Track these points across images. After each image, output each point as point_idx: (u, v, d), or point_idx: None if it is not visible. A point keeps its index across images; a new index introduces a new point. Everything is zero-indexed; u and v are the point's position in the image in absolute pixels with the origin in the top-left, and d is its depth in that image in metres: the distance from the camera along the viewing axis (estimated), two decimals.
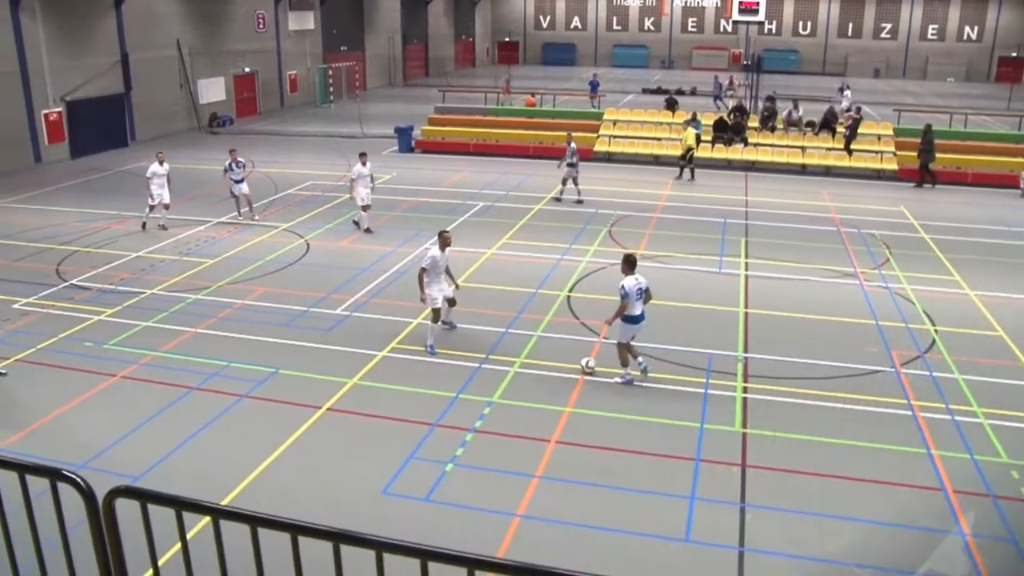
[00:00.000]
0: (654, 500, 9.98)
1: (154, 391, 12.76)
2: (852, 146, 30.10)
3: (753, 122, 32.34)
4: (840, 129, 30.89)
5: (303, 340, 14.64)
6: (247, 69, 43.85)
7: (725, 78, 50.31)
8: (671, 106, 36.36)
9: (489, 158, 32.01)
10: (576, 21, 79.89)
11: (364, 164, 21.18)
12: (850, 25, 72.75)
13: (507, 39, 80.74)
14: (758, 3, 39.20)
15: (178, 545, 3.11)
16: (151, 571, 3.21)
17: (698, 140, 30.94)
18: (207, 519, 2.99)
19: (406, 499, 9.94)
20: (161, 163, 21.41)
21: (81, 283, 17.61)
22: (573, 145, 25.09)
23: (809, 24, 73.52)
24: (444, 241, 14.12)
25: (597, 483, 10.31)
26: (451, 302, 14.60)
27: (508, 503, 9.85)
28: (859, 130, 30.72)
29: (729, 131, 31.33)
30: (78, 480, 3.05)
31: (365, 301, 16.53)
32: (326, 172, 29.10)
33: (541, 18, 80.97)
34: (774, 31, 73.18)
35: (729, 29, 73.43)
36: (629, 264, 12.88)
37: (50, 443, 11.17)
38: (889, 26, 71.90)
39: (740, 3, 39.19)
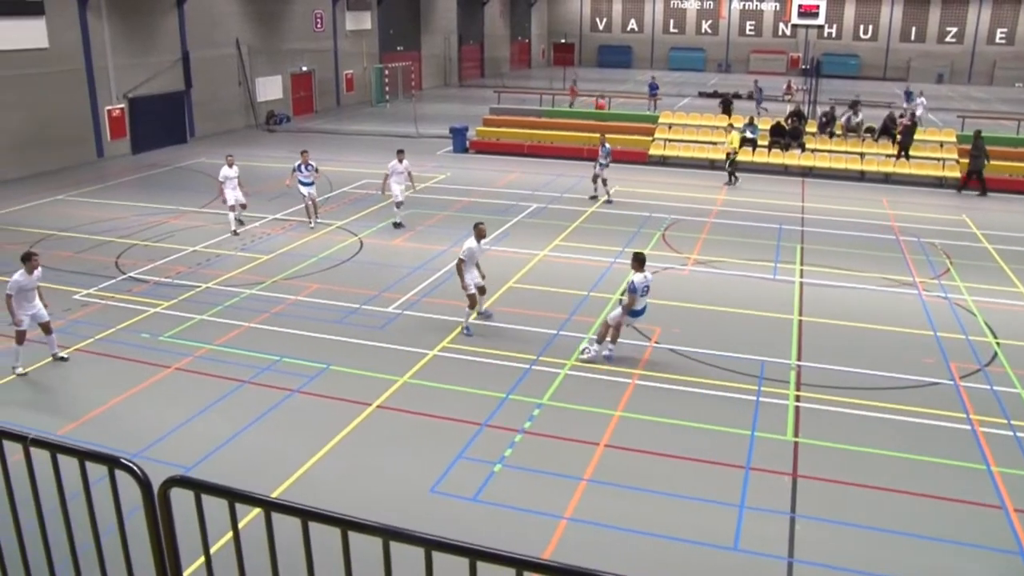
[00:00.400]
0: (703, 507, 9.89)
1: (208, 383, 12.99)
2: (911, 152, 29.48)
3: (811, 127, 31.86)
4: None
5: (355, 337, 14.78)
6: (304, 68, 44.42)
7: (782, 82, 49.71)
8: (726, 108, 36.04)
9: (543, 160, 32.01)
10: (632, 23, 79.47)
11: (400, 161, 21.87)
12: (913, 29, 71.28)
13: (563, 41, 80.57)
14: (818, 6, 38.65)
15: (228, 535, 3.17)
16: (202, 559, 3.26)
17: (753, 144, 30.62)
18: (257, 510, 3.03)
19: (454, 498, 9.98)
20: (231, 165, 21.46)
21: (139, 276, 17.99)
22: (607, 146, 25.02)
23: (870, 28, 72.18)
24: (479, 233, 15.01)
25: (645, 488, 10.25)
26: (481, 290, 15.33)
27: (555, 505, 9.84)
28: (917, 136, 30.12)
29: (786, 136, 30.92)
30: (135, 469, 3.11)
31: (417, 299, 16.63)
32: (381, 171, 29.26)
33: (597, 20, 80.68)
34: (834, 35, 71.97)
35: (788, 33, 72.36)
36: (639, 261, 13.62)
37: (106, 431, 11.42)
38: (955, 30, 70.28)
39: (800, 6, 38.69)
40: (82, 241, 20.59)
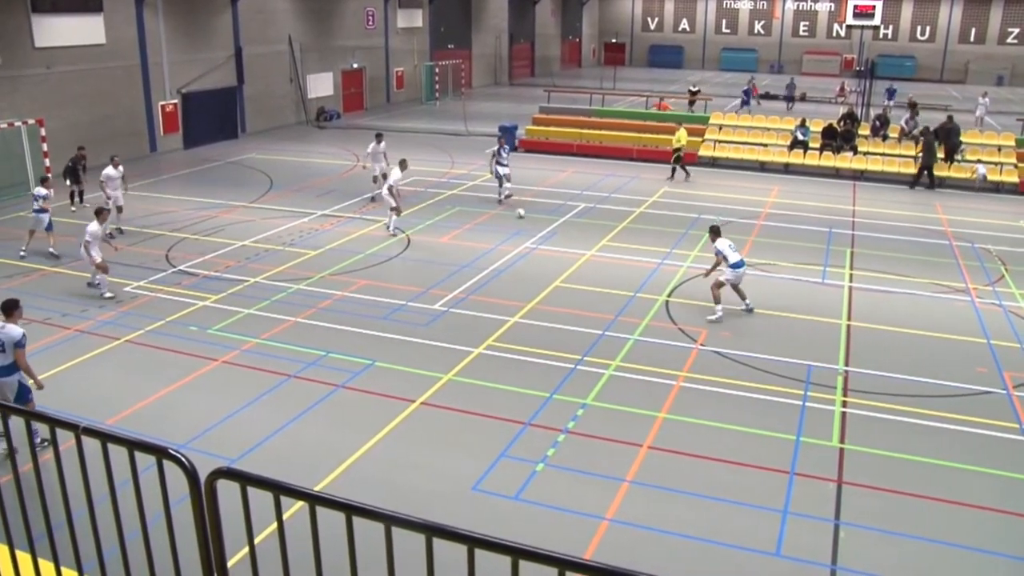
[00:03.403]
0: (746, 512, 9.80)
1: (254, 377, 13.17)
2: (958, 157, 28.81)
3: (864, 130, 31.35)
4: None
5: (400, 334, 14.88)
6: (355, 65, 44.79)
7: (837, 84, 48.96)
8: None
9: (592, 159, 31.92)
10: (684, 23, 78.83)
11: (379, 143, 24.92)
12: (973, 30, 69.66)
13: (614, 40, 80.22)
14: (874, 7, 38.04)
15: (271, 527, 3.21)
16: (246, 549, 3.31)
17: (804, 146, 30.23)
18: (301, 503, 3.07)
19: (496, 496, 10.02)
20: (116, 166, 21.10)
21: (189, 269, 18.30)
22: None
23: (928, 29, 70.74)
24: (402, 165, 20.67)
25: (688, 491, 10.19)
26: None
27: (597, 506, 9.82)
28: (975, 140, 29.46)
29: (838, 139, 30.46)
30: (183, 460, 3.17)
31: (464, 297, 16.69)
32: (429, 168, 29.49)
33: (649, 20, 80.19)
34: (890, 36, 70.67)
35: (842, 34, 71.17)
36: (715, 232, 16.18)
37: (154, 422, 11.64)
38: (1016, 31, 68.53)
39: (855, 7, 38.14)
40: (134, 234, 20.99)
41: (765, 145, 31.43)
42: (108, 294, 16.22)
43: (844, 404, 12.54)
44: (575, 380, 13.14)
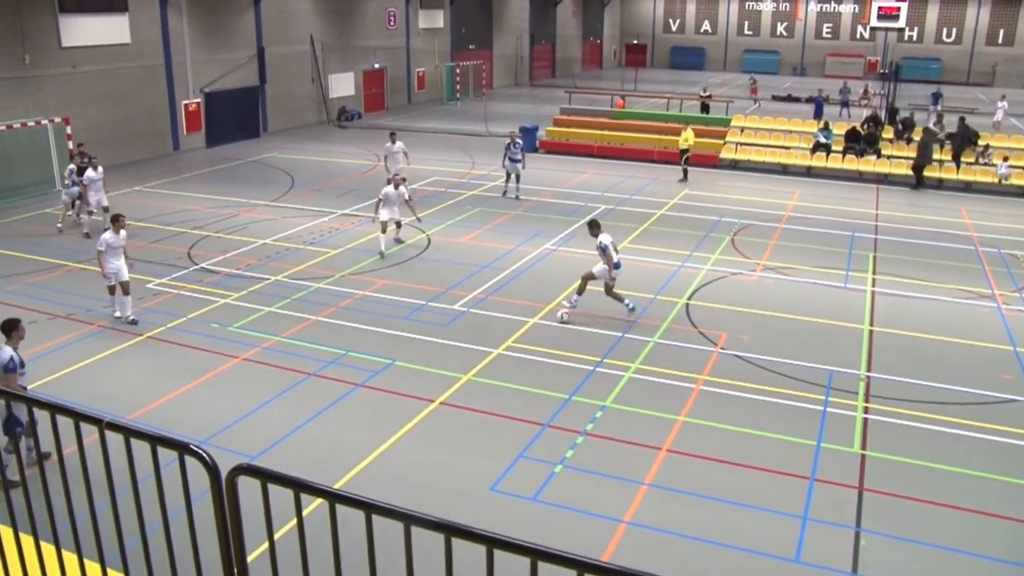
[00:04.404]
0: (765, 517, 9.74)
1: (274, 375, 13.23)
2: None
3: (887, 133, 31.12)
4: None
5: (420, 333, 14.90)
6: (376, 65, 44.94)
7: (858, 86, 48.60)
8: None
9: (613, 161, 31.85)
10: (706, 25, 78.54)
11: (394, 142, 24.83)
12: (1001, 32, 68.88)
13: (635, 41, 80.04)
14: (899, 8, 37.69)
15: (290, 523, 3.22)
16: (266, 545, 3.32)
17: (827, 149, 30.06)
18: (320, 501, 3.07)
19: (514, 497, 10.00)
20: (95, 168, 20.84)
21: (210, 267, 18.40)
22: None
23: (954, 31, 70.08)
24: (395, 183, 19.30)
25: (707, 495, 10.14)
26: (398, 224, 19.46)
27: (615, 509, 9.79)
28: (1000, 143, 29.16)
29: (861, 142, 30.25)
30: (204, 456, 3.18)
31: (483, 298, 16.69)
32: (450, 169, 29.54)
33: (670, 21, 79.95)
34: (915, 38, 70.07)
35: (866, 35, 70.68)
36: (595, 226, 15.64)
37: (175, 417, 11.71)
38: None
39: (879, 8, 37.77)
40: (157, 231, 21.14)
41: (787, 148, 31.25)
42: (116, 313, 15.18)
43: (866, 410, 12.44)
44: (594, 382, 13.11)
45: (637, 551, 9.03)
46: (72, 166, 21.20)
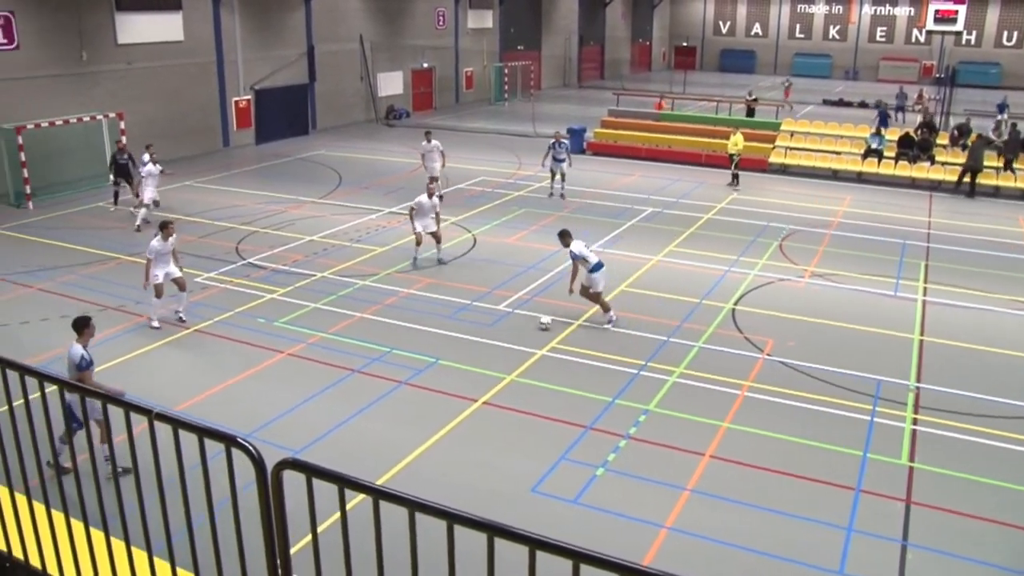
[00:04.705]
0: (809, 527, 9.60)
1: (318, 370, 13.34)
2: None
3: (942, 139, 30.52)
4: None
5: (464, 333, 14.93)
6: (425, 64, 45.17)
7: (913, 90, 47.72)
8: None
9: (660, 164, 31.63)
10: (757, 27, 77.67)
11: (429, 141, 24.64)
12: None
13: (684, 44, 79.46)
14: (956, 12, 36.99)
15: (331, 518, 3.24)
16: (309, 537, 3.35)
17: (879, 155, 29.58)
18: (361, 496, 3.08)
19: (554, 499, 9.98)
20: (155, 162, 21.55)
21: (258, 262, 18.62)
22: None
23: (1015, 34, 68.40)
24: (429, 191, 18.43)
25: (750, 502, 10.02)
26: (437, 240, 18.61)
27: (656, 514, 9.72)
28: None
29: (915, 148, 29.71)
30: (251, 449, 3.21)
31: (528, 299, 16.68)
32: (497, 169, 29.58)
33: (721, 23, 79.20)
34: (973, 42, 68.59)
35: (922, 39, 69.38)
36: (566, 236, 15.42)
37: (221, 410, 11.86)
38: None
39: (936, 11, 37.16)
40: (206, 226, 21.45)
41: (838, 153, 30.81)
42: (155, 324, 14.86)
43: (915, 421, 12.20)
44: (638, 385, 13.03)
45: (678, 557, 8.95)
46: (146, 155, 21.53)
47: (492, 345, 14.45)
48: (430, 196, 18.40)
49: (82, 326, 10.11)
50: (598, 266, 15.16)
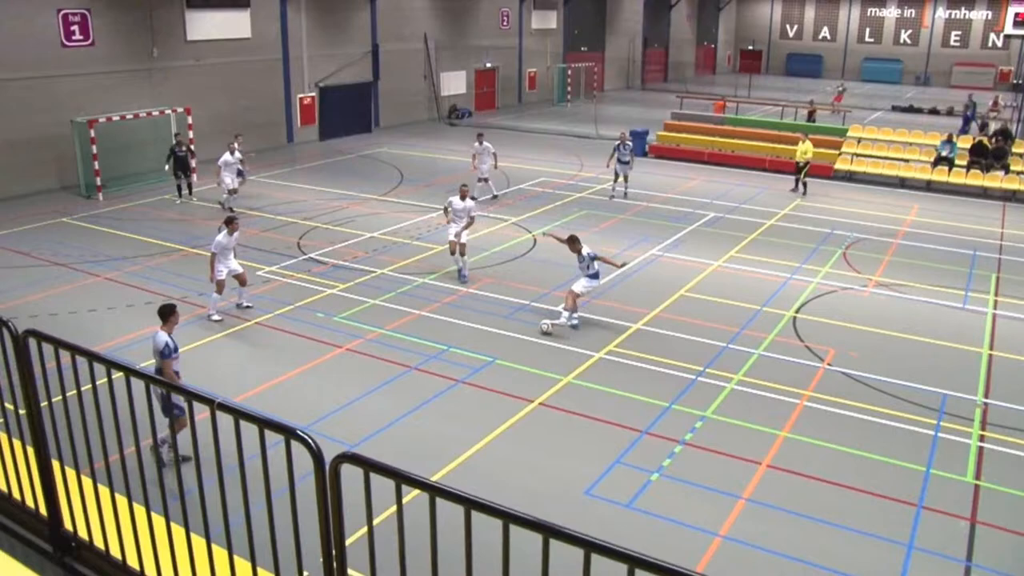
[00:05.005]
0: (868, 542, 9.39)
1: (376, 366, 13.44)
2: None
3: (1018, 147, 29.65)
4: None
5: (522, 333, 14.92)
6: (488, 64, 45.31)
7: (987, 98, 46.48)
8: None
9: (723, 168, 31.27)
10: (825, 31, 76.33)
11: (481, 143, 24.46)
12: None
13: (750, 47, 78.53)
14: None
15: (386, 512, 3.24)
16: (364, 530, 3.35)
17: (950, 164, 28.84)
18: (416, 492, 3.08)
19: (608, 502, 9.91)
20: (232, 152, 22.44)
21: (319, 257, 18.84)
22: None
23: None
24: (463, 193, 17.67)
25: (807, 514, 9.83)
26: (462, 253, 17.36)
27: (711, 522, 9.59)
28: None
29: (988, 156, 28.90)
30: (310, 441, 3.23)
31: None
32: (558, 170, 29.53)
33: (788, 27, 78.03)
34: None
35: (999, 44, 67.49)
36: (574, 241, 15.13)
37: (279, 402, 12.02)
38: None
39: (1016, 15, 36.00)
40: (268, 221, 21.77)
41: (906, 160, 30.12)
42: (216, 317, 15.08)
43: (981, 438, 11.86)
44: (695, 391, 12.88)
45: (731, 567, 8.82)
46: (235, 145, 22.49)
47: (549, 346, 14.42)
48: (463, 198, 17.74)
49: (167, 314, 10.16)
50: (597, 275, 15.22)
